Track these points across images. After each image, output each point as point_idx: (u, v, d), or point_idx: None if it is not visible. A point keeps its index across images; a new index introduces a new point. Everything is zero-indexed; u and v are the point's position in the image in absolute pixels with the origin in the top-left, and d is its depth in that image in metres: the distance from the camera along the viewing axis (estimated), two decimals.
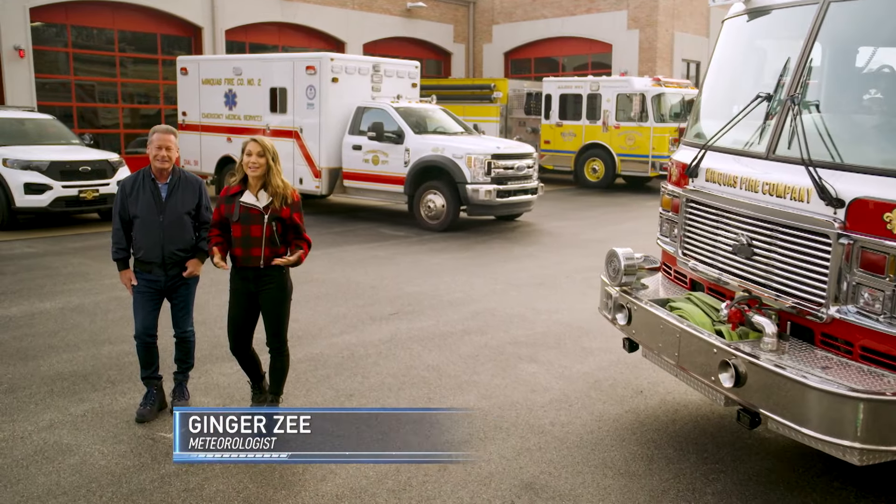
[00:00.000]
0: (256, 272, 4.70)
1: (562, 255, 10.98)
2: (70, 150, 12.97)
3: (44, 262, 9.88)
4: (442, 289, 8.75)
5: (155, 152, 4.87)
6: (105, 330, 6.92)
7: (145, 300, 4.96)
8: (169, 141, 4.89)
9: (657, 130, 19.78)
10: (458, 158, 12.62)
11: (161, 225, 4.87)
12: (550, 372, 6.02)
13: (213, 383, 5.63)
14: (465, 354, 6.42)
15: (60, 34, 19.10)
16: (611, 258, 5.21)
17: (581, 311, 7.87)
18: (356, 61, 14.52)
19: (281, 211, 4.68)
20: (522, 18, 27.58)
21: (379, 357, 6.30)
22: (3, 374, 5.72)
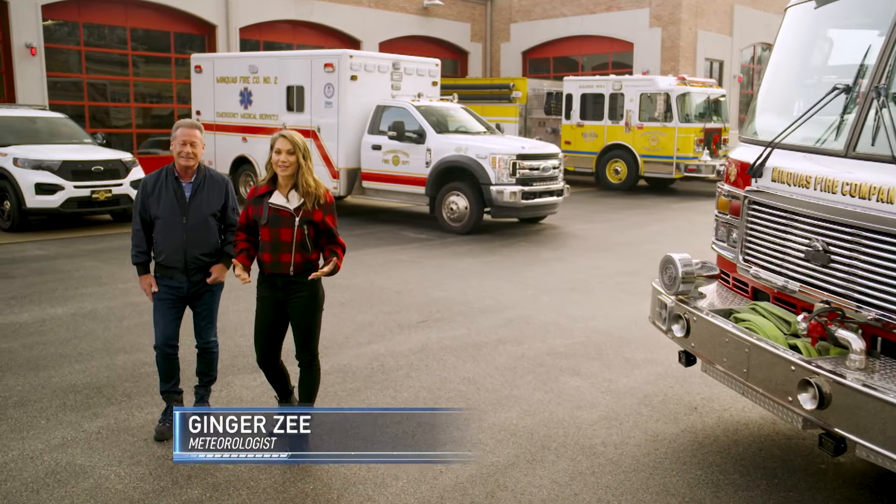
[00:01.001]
0: (286, 279, 4.37)
1: (590, 258, 10.61)
2: (82, 149, 12.70)
3: (55, 265, 9.59)
4: (470, 294, 8.40)
5: (179, 148, 4.55)
6: (119, 338, 6.61)
7: (166, 308, 4.64)
8: (194, 136, 4.56)
9: (682, 131, 19.36)
10: (483, 159, 12.27)
11: (184, 227, 4.55)
12: (595, 386, 5.66)
13: (235, 397, 5.30)
14: (502, 366, 6.07)
15: (72, 32, 18.89)
16: (666, 265, 4.86)
17: (619, 318, 7.50)
18: (376, 59, 14.19)
19: (313, 213, 4.35)
20: (541, 17, 27.22)
21: (410, 369, 5.95)
22: (13, 386, 5.41)
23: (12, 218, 11.79)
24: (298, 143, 4.36)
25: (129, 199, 12.40)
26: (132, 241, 4.68)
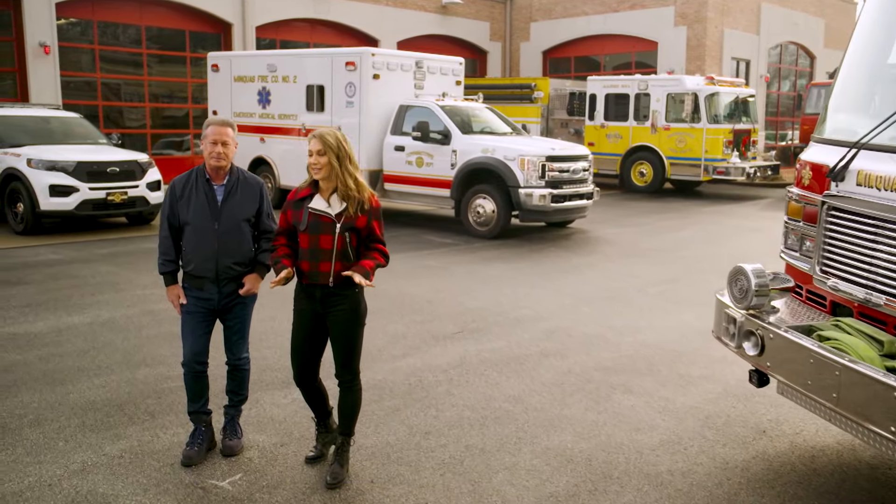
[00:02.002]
0: (325, 291, 4.03)
1: (625, 265, 10.23)
2: (97, 149, 12.43)
3: (70, 270, 9.31)
4: (505, 303, 8.05)
5: (210, 148, 4.22)
6: (139, 349, 6.29)
7: (195, 322, 4.31)
8: (226, 135, 4.24)
9: (710, 132, 18.94)
10: (510, 160, 11.92)
11: (216, 233, 4.23)
12: (651, 405, 5.29)
13: (266, 417, 4.96)
14: (549, 382, 5.71)
15: (86, 31, 18.67)
16: (737, 276, 4.48)
17: (666, 330, 7.14)
18: (398, 57, 13.87)
19: (356, 219, 4.01)
20: (562, 15, 26.85)
21: (451, 385, 5.61)
22: (29, 403, 5.10)
23: (26, 220, 11.52)
24: (330, 143, 4.01)
25: (146, 202, 12.15)
26: (159, 248, 4.35)
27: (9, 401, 5.12)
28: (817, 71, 28.79)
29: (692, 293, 8.64)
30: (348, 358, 4.13)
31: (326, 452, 4.35)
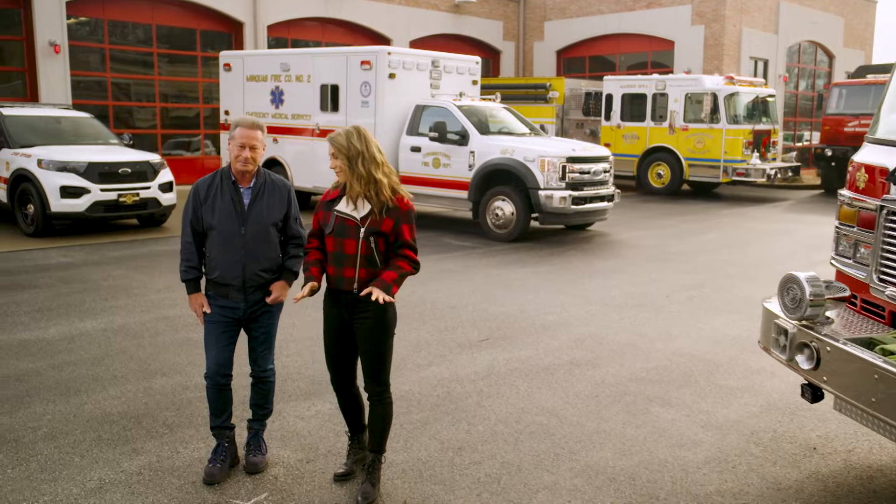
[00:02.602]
0: (350, 297, 3.84)
1: (651, 270, 10.00)
2: (109, 150, 12.27)
3: (82, 273, 9.13)
4: (530, 309, 7.84)
5: (237, 152, 4.01)
6: (155, 357, 6.10)
7: (219, 332, 4.10)
8: (254, 138, 4.01)
9: (730, 133, 18.69)
10: (530, 161, 11.70)
11: (243, 238, 4.02)
12: (692, 419, 5.07)
13: (290, 430, 4.76)
14: (583, 394, 5.49)
15: (97, 30, 18.54)
16: (789, 284, 4.25)
17: (699, 339, 6.91)
18: (414, 56, 13.66)
19: (381, 223, 3.80)
20: (576, 14, 26.60)
21: (480, 396, 5.40)
22: (43, 415, 4.91)
23: (36, 222, 11.36)
24: (341, 144, 3.80)
25: (158, 203, 11.98)
26: (181, 254, 4.15)
27: (22, 412, 4.94)
28: (836, 70, 28.46)
29: (721, 299, 8.41)
30: (376, 370, 3.93)
31: (356, 470, 4.14)
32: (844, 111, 20.08)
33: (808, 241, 12.47)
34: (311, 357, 6.16)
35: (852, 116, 19.76)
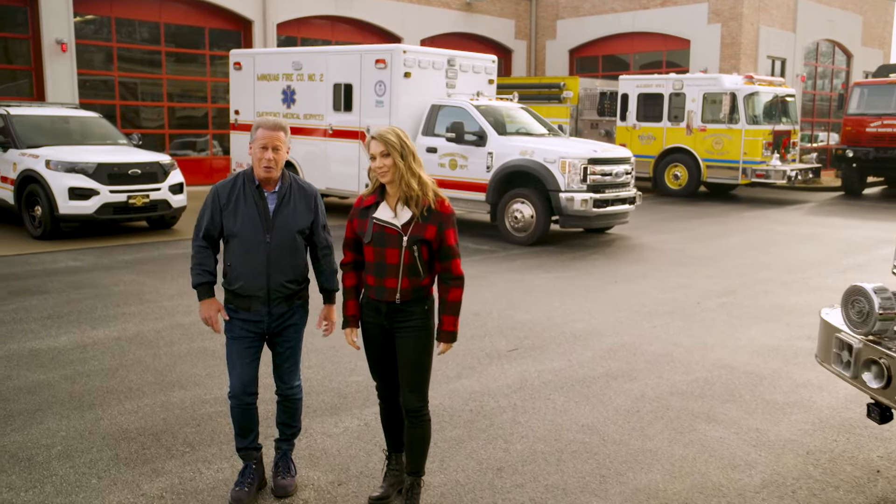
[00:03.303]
0: (391, 307, 3.64)
1: (677, 275, 9.75)
2: (118, 150, 12.06)
3: (92, 278, 8.92)
4: (557, 317, 7.59)
5: (259, 154, 3.76)
6: (172, 368, 5.88)
7: (243, 348, 3.87)
8: (278, 139, 3.76)
9: (749, 133, 18.43)
10: (551, 163, 11.46)
11: (268, 247, 3.78)
12: (741, 437, 4.82)
13: (318, 449, 4.52)
14: (623, 409, 5.25)
15: (104, 28, 18.35)
16: (854, 297, 4.01)
17: (737, 349, 6.65)
18: (430, 55, 13.42)
19: (424, 229, 3.58)
20: (589, 13, 26.34)
21: (516, 412, 5.16)
22: (57, 431, 4.68)
23: (44, 225, 11.16)
24: (392, 141, 3.60)
25: (168, 205, 11.77)
26: (193, 258, 3.88)
27: (34, 428, 4.71)
28: (854, 70, 28.15)
29: (755, 307, 8.15)
30: (417, 382, 3.72)
31: (392, 494, 3.90)
32: (866, 111, 19.76)
33: (838, 245, 12.19)
34: (333, 368, 5.93)
35: (875, 116, 19.47)
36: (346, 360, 6.09)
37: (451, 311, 3.69)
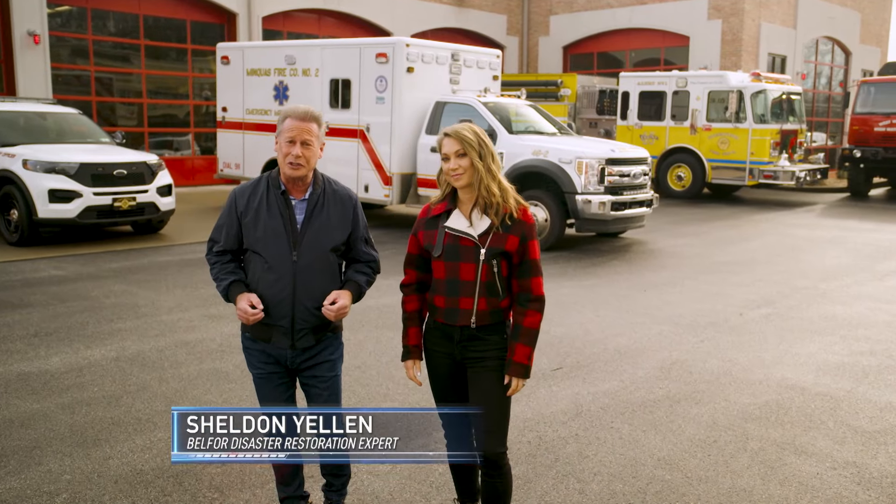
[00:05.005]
0: (465, 333, 3.15)
1: (708, 283, 9.31)
2: (101, 150, 11.41)
3: (79, 289, 8.30)
4: (595, 330, 7.12)
5: (286, 149, 3.17)
6: (182, 394, 5.32)
7: (273, 387, 3.34)
8: (308, 132, 3.16)
9: (756, 133, 18.10)
10: (566, 163, 10.99)
11: (294, 267, 3.20)
12: (840, 473, 4.36)
13: (367, 492, 4.00)
14: (697, 439, 4.77)
15: (80, 19, 17.63)
16: None
17: (799, 367, 6.21)
18: (434, 48, 12.88)
19: (505, 240, 3.10)
20: (584, 8, 25.97)
21: (579, 444, 4.66)
22: (60, 473, 4.11)
23: (21, 230, 10.48)
24: (469, 139, 3.13)
25: (156, 208, 11.16)
26: (212, 270, 3.32)
27: (33, 471, 4.14)
28: (853, 67, 28.04)
29: (802, 318, 7.74)
30: (497, 424, 3.24)
31: None
32: (874, 110, 19.51)
33: (865, 250, 11.85)
34: (364, 393, 5.41)
35: (883, 115, 19.22)
36: (377, 383, 5.58)
37: (527, 340, 3.18)
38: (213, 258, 3.33)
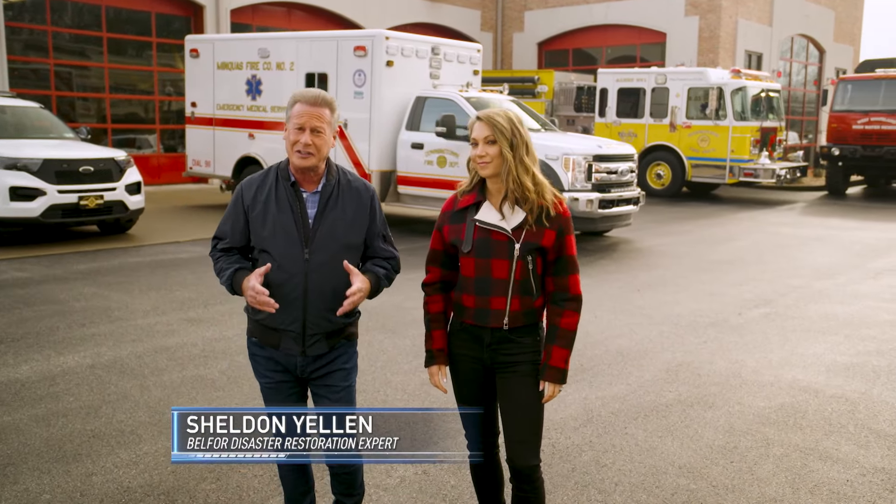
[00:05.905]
0: (497, 335, 2.95)
1: (700, 282, 9.22)
2: (65, 145, 11.01)
3: (45, 291, 7.94)
4: (594, 332, 6.95)
5: (294, 137, 2.90)
6: (166, 403, 5.03)
7: (283, 397, 3.08)
8: (319, 118, 2.89)
9: (737, 130, 18.16)
10: (553, 160, 10.84)
11: (306, 266, 2.94)
12: (871, 480, 4.22)
13: None
14: (716, 445, 4.61)
15: (38, 9, 17.10)
16: None
17: (808, 368, 6.10)
18: (414, 42, 12.66)
19: (541, 235, 2.90)
20: (559, 4, 25.91)
21: (595, 451, 4.47)
22: (38, 492, 3.82)
23: None
24: (502, 125, 2.92)
25: (124, 207, 10.80)
26: (216, 264, 3.05)
27: (7, 490, 3.84)
28: (827, 65, 28.34)
29: (802, 318, 7.65)
30: (530, 434, 3.03)
31: None
32: (851, 108, 19.67)
33: (853, 248, 11.86)
34: (361, 400, 5.16)
35: (861, 113, 19.38)
36: (374, 389, 5.35)
37: (564, 343, 2.98)
38: (216, 254, 3.08)
